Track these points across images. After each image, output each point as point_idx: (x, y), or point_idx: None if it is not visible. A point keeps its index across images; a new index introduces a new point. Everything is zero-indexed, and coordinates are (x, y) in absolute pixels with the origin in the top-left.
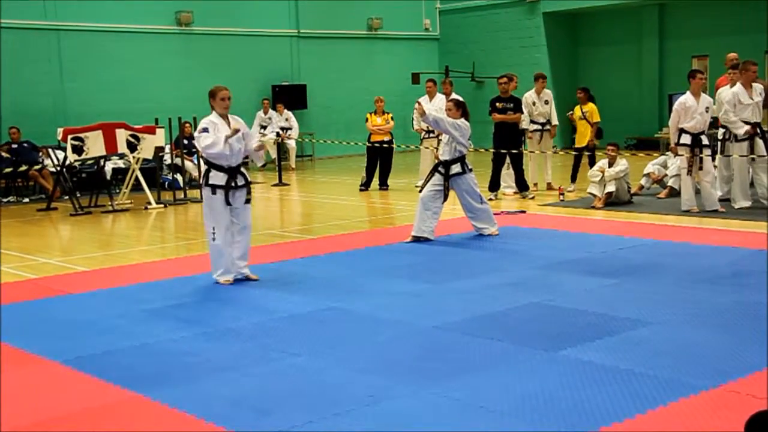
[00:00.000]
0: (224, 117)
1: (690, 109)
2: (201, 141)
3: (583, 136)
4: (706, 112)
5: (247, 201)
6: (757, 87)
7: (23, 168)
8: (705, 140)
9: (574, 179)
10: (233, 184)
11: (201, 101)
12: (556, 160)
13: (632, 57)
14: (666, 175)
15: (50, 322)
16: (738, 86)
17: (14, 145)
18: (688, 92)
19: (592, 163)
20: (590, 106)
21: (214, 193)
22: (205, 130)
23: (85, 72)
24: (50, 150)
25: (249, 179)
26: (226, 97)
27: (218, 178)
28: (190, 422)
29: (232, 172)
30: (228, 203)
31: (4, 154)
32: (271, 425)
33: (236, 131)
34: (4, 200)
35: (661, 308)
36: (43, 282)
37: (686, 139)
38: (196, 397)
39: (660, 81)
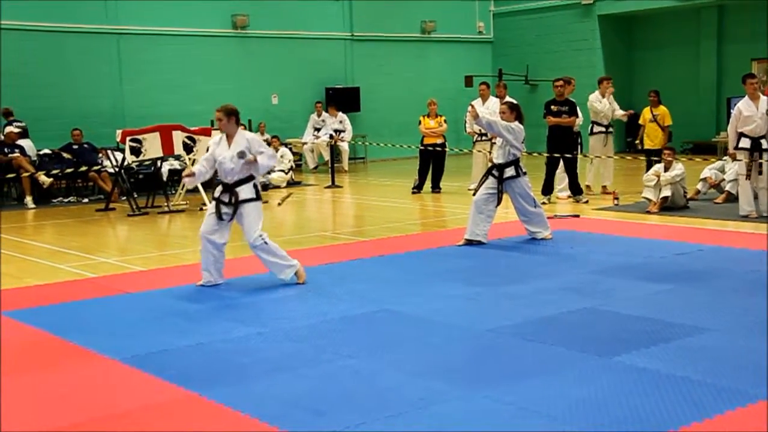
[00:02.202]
0: (228, 136)
1: (747, 115)
2: None
3: (652, 138)
4: (767, 115)
5: (219, 217)
6: (765, 99)
7: (83, 169)
8: (765, 144)
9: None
10: (223, 200)
11: (255, 103)
12: (616, 164)
13: (689, 60)
14: (723, 179)
15: (108, 321)
16: None
17: (75, 146)
18: (746, 97)
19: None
20: (662, 109)
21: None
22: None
23: (144, 74)
24: (109, 151)
25: (240, 198)
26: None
27: (218, 191)
28: (243, 421)
29: (226, 187)
30: (220, 217)
31: (65, 155)
32: (324, 426)
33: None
34: (65, 200)
35: (718, 315)
36: (101, 281)
37: (745, 143)
38: (250, 397)
39: (718, 84)
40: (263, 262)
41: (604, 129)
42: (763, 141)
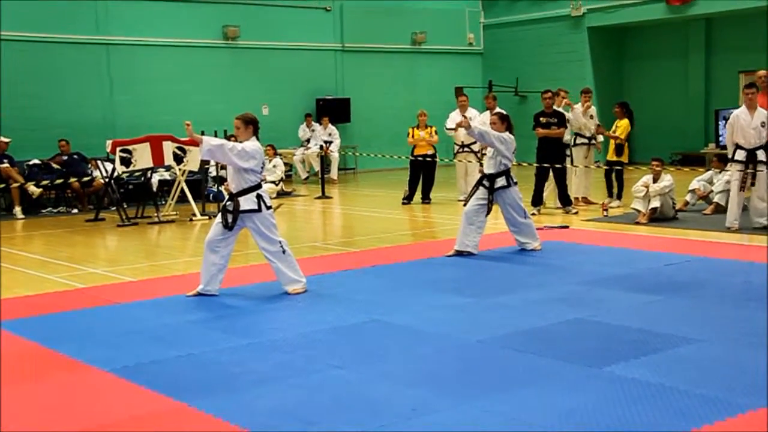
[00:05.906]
0: None
1: (742, 123)
2: None
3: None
4: (762, 126)
5: (225, 226)
6: (761, 111)
7: (73, 179)
8: (761, 156)
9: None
10: (228, 208)
11: None
12: (596, 175)
13: (678, 72)
14: (712, 191)
15: (98, 332)
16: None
17: (64, 157)
18: (743, 106)
19: (608, 178)
20: (622, 123)
21: None
22: None
23: (134, 85)
24: (99, 162)
25: (240, 208)
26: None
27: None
28: None
29: (230, 196)
30: (225, 226)
31: (54, 165)
32: None
33: None
34: (54, 211)
35: (706, 326)
36: (90, 291)
37: (740, 155)
38: (240, 408)
39: (706, 96)
40: (274, 269)
41: (586, 141)
42: (759, 152)
